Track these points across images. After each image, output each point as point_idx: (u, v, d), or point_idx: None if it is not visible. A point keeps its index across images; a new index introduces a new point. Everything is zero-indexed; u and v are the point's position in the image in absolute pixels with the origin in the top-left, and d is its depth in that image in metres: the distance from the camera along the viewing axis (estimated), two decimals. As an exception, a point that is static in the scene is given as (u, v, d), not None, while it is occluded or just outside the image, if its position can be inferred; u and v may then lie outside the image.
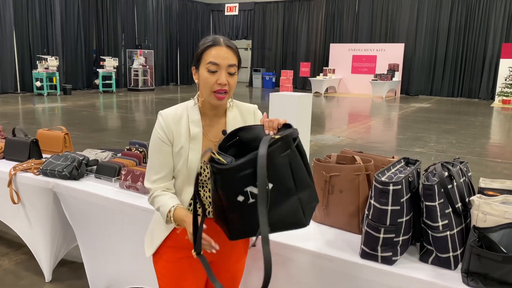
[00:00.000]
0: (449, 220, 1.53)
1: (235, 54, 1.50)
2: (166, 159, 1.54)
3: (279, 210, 1.31)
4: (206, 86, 1.49)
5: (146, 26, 21.36)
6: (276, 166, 1.28)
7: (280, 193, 1.30)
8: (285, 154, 1.30)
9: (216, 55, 1.46)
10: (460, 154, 7.21)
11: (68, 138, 3.20)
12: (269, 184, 1.27)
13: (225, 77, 1.47)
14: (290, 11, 22.29)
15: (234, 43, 1.55)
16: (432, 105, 15.34)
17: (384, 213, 1.53)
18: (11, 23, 15.86)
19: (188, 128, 1.54)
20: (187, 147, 1.53)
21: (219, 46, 1.47)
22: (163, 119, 1.54)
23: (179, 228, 1.56)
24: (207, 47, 1.47)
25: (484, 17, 17.61)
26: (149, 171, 1.57)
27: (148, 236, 1.69)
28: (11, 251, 3.37)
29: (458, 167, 1.68)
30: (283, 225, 1.34)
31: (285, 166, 1.30)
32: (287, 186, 1.31)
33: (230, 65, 1.48)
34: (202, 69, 1.49)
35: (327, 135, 8.99)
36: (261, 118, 1.48)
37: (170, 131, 1.52)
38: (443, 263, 1.55)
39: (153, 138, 1.56)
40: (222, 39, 1.49)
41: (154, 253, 1.63)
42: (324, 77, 19.31)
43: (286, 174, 1.30)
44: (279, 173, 1.29)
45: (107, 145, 7.44)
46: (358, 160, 1.86)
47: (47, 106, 12.70)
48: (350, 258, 1.65)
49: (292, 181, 1.32)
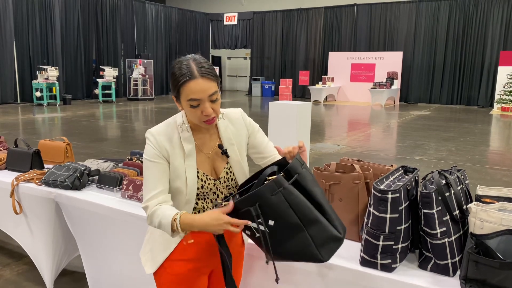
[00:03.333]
0: (447, 228, 1.55)
1: (213, 80, 1.44)
2: (162, 175, 1.50)
3: (288, 245, 1.38)
4: (193, 117, 1.48)
5: (145, 36, 21.49)
6: (270, 204, 1.34)
7: (285, 229, 1.36)
8: (277, 192, 1.34)
9: (195, 90, 1.40)
10: (460, 162, 7.24)
11: (69, 149, 3.23)
12: (270, 221, 1.35)
13: (209, 106, 1.44)
14: (288, 20, 22.46)
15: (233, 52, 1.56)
16: (431, 113, 15.40)
17: (383, 221, 1.56)
18: (12, 33, 15.96)
19: (180, 145, 1.52)
20: (183, 165, 1.52)
21: (195, 79, 1.40)
22: (154, 137, 1.51)
23: (187, 239, 1.54)
24: (183, 82, 1.40)
25: (482, 25, 17.76)
26: (145, 190, 1.51)
27: (147, 255, 1.64)
28: (13, 262, 3.38)
29: (456, 175, 1.70)
30: (298, 258, 1.41)
31: (282, 203, 1.34)
32: (291, 221, 1.35)
33: (211, 94, 1.43)
34: (184, 103, 1.45)
35: (327, 143, 9.02)
36: (278, 150, 1.56)
37: (163, 149, 1.50)
38: (442, 270, 1.57)
39: (147, 156, 1.51)
40: (197, 70, 1.40)
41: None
42: (323, 85, 19.41)
43: (286, 211, 1.35)
44: (276, 210, 1.35)
45: (107, 155, 7.46)
46: (357, 169, 1.88)
47: (47, 116, 12.74)
48: (350, 265, 1.67)
49: (296, 217, 1.35)
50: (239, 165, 1.62)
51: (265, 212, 1.35)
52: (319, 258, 1.37)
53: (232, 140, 1.61)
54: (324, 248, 1.37)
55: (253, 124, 1.71)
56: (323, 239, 1.37)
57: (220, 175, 1.59)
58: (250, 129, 1.68)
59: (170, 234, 1.44)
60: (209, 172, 1.57)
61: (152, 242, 1.63)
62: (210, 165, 1.58)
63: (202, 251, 1.59)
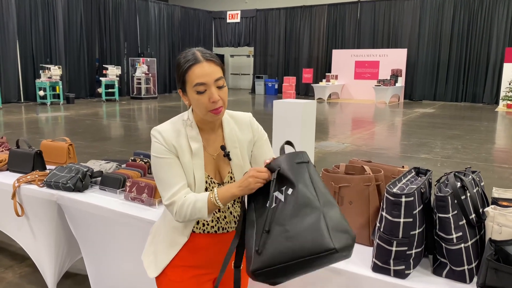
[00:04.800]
0: (463, 232, 1.49)
1: (218, 65, 1.42)
2: (177, 169, 1.44)
3: (298, 225, 1.20)
4: (200, 107, 1.42)
5: (148, 34, 21.45)
6: (294, 168, 1.28)
7: (299, 204, 1.23)
8: (301, 161, 1.30)
9: (200, 74, 1.37)
10: (466, 160, 7.16)
11: (72, 149, 3.18)
12: (289, 189, 1.27)
13: (216, 92, 1.39)
14: (292, 18, 22.36)
15: (236, 50, 1.51)
16: (436, 110, 15.29)
17: (397, 226, 1.49)
18: (15, 32, 15.96)
19: (187, 144, 1.47)
20: (191, 164, 1.47)
21: (199, 63, 1.38)
22: (160, 134, 1.45)
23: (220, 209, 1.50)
24: (187, 68, 1.39)
25: (487, 21, 17.60)
26: (164, 188, 1.43)
27: (149, 257, 1.59)
28: (15, 264, 3.34)
29: (471, 176, 1.64)
30: (304, 242, 1.18)
31: (304, 172, 1.29)
32: (307, 195, 1.24)
33: (217, 79, 1.40)
34: (190, 91, 1.41)
35: (331, 141, 8.95)
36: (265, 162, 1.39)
37: (171, 145, 1.44)
38: (458, 276, 1.50)
39: (156, 153, 1.44)
40: (201, 54, 1.40)
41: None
42: (327, 83, 19.31)
43: (306, 180, 1.27)
44: (297, 176, 1.27)
45: (111, 154, 7.42)
46: (368, 171, 1.82)
47: (50, 116, 12.72)
48: (361, 271, 1.61)
49: (314, 192, 1.25)
50: (240, 170, 1.54)
51: (284, 180, 1.29)
52: (327, 241, 1.14)
53: (235, 143, 1.55)
54: (337, 237, 1.17)
55: (261, 132, 1.62)
56: (336, 225, 1.19)
57: (225, 180, 1.53)
58: (257, 136, 1.60)
59: (205, 215, 1.39)
60: (213, 175, 1.52)
61: (156, 244, 1.58)
62: (215, 167, 1.53)
63: (206, 258, 1.54)
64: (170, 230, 1.53)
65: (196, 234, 1.52)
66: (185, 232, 1.52)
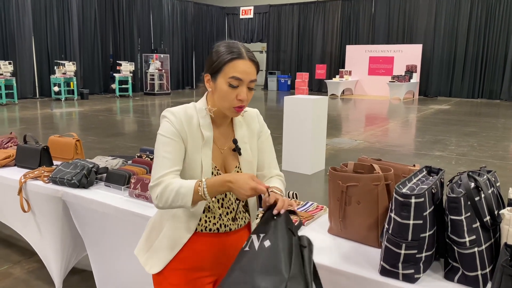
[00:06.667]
0: (477, 236, 1.41)
1: (257, 68, 1.42)
2: (178, 154, 1.40)
3: (260, 281, 1.17)
4: (225, 100, 1.40)
5: (162, 31, 21.49)
6: (282, 235, 1.25)
7: (271, 262, 1.20)
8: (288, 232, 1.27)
9: (241, 69, 1.37)
10: (482, 158, 6.99)
11: (79, 145, 3.16)
12: (266, 240, 1.23)
13: (246, 92, 1.39)
14: (305, 13, 22.17)
15: (249, 46, 1.47)
16: (451, 107, 15.02)
17: (406, 228, 1.42)
18: (30, 29, 16.14)
19: (199, 130, 1.44)
20: (200, 153, 1.43)
21: (243, 59, 1.38)
22: (173, 116, 1.41)
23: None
24: (231, 59, 1.37)
25: (505, 16, 17.18)
26: (157, 168, 1.37)
27: (146, 254, 1.54)
28: (24, 259, 3.34)
29: (486, 176, 1.55)
30: None
31: (291, 245, 1.25)
32: (280, 259, 1.20)
33: (252, 81, 1.41)
34: (222, 81, 1.39)
35: (343, 138, 8.83)
36: (265, 197, 1.33)
37: (183, 129, 1.40)
38: (471, 282, 1.43)
39: (163, 132, 1.40)
40: (245, 52, 1.39)
41: (157, 273, 1.50)
42: (340, 79, 19.10)
43: (287, 252, 1.23)
44: (282, 241, 1.24)
45: (123, 150, 7.44)
46: (377, 169, 1.75)
47: (65, 111, 12.84)
48: (368, 274, 1.54)
49: (289, 261, 1.20)
50: (249, 166, 1.53)
51: (271, 234, 1.26)
52: None
53: (245, 139, 1.54)
54: None
55: (265, 128, 1.63)
56: None
57: None
58: (262, 130, 1.62)
59: (189, 203, 1.33)
60: (219, 167, 1.49)
61: (153, 240, 1.52)
62: (222, 161, 1.50)
63: (206, 260, 1.50)
64: (172, 226, 1.47)
65: (197, 233, 1.48)
66: (190, 225, 1.45)
